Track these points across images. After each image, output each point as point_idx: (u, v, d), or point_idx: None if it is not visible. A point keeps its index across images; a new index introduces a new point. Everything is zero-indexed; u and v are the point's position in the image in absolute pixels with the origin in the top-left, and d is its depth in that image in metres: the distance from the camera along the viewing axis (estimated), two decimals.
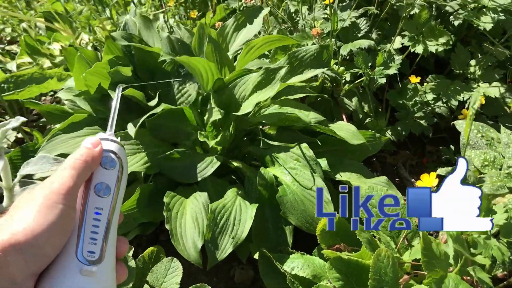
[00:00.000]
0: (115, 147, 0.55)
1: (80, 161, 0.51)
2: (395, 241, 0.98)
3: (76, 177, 0.50)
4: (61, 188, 0.49)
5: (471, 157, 1.21)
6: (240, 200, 1.14)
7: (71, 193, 0.50)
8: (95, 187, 0.53)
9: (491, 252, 0.76)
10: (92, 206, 0.52)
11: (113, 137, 0.56)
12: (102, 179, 0.53)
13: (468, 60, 1.51)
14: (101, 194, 0.53)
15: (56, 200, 0.48)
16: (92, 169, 0.53)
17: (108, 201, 0.53)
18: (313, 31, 1.37)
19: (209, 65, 1.26)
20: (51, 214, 0.47)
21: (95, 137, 0.55)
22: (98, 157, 0.53)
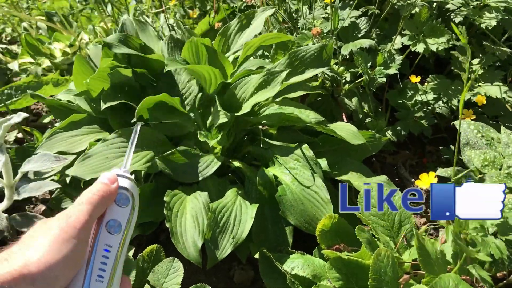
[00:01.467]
0: (129, 185, 0.56)
1: (97, 197, 0.52)
2: (395, 241, 0.98)
3: (91, 212, 0.51)
4: (77, 222, 0.50)
5: (471, 157, 1.21)
6: (240, 200, 1.14)
7: (86, 228, 0.50)
8: (107, 223, 0.53)
9: (489, 250, 0.76)
10: (102, 242, 0.52)
11: (128, 174, 0.57)
12: (115, 216, 0.54)
13: (469, 60, 1.51)
14: (112, 231, 0.53)
15: (71, 234, 0.49)
16: (107, 205, 0.54)
17: (118, 238, 0.53)
18: (313, 30, 1.37)
19: (213, 70, 1.26)
20: (65, 247, 0.48)
21: (111, 173, 0.56)
22: (114, 193, 0.54)
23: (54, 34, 2.08)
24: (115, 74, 1.31)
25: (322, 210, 1.11)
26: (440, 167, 1.38)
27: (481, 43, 1.54)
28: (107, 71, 1.30)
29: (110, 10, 2.19)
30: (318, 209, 1.12)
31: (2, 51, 2.17)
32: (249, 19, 1.48)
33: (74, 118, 1.37)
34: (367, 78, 1.45)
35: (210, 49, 1.35)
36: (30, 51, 1.96)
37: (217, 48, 1.47)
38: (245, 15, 1.47)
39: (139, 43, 1.42)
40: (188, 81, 1.30)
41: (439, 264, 0.83)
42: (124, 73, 1.35)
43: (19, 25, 2.47)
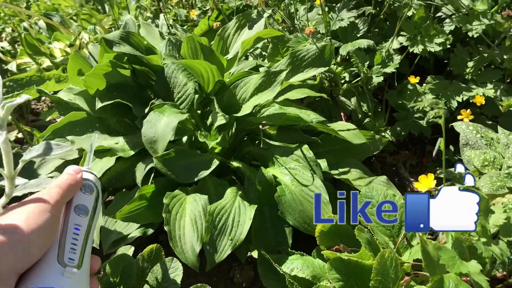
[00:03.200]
0: (92, 177, 0.65)
1: (66, 183, 0.60)
2: (395, 241, 0.98)
3: (62, 194, 0.59)
4: (50, 199, 0.57)
5: (471, 157, 1.22)
6: (239, 201, 1.14)
7: (57, 206, 0.58)
8: (76, 207, 0.62)
9: (491, 253, 0.76)
10: (73, 222, 0.60)
11: (90, 170, 0.67)
12: (82, 201, 0.63)
13: (467, 61, 1.51)
14: (80, 213, 0.61)
15: (45, 208, 0.56)
16: (74, 191, 0.62)
17: (86, 220, 0.62)
18: (306, 30, 1.38)
19: (210, 67, 1.26)
20: (40, 218, 0.55)
21: (76, 166, 0.65)
22: (80, 181, 0.63)
23: (54, 33, 2.08)
24: (111, 74, 1.32)
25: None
26: (440, 167, 1.39)
27: (479, 45, 1.55)
28: (105, 69, 1.30)
29: (109, 10, 2.19)
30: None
31: (2, 51, 2.16)
32: (247, 19, 1.48)
33: (72, 118, 1.37)
34: (365, 77, 1.45)
35: (206, 48, 1.35)
36: (30, 51, 1.96)
37: (215, 48, 1.47)
38: (243, 15, 1.48)
39: (142, 42, 1.42)
40: (185, 84, 1.30)
41: (440, 267, 0.83)
42: (122, 73, 1.35)
43: (19, 25, 2.46)
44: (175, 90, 1.32)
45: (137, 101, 1.36)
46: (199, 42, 1.34)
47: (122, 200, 1.26)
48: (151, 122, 1.18)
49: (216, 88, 1.34)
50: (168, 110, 1.22)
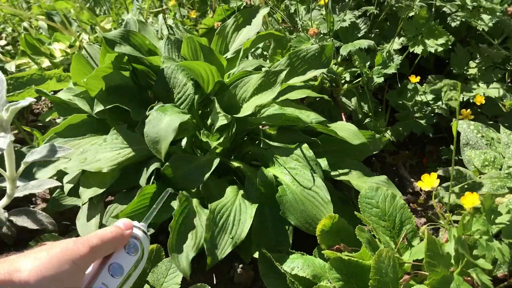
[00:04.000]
0: (142, 236, 0.58)
1: (109, 236, 0.54)
2: (395, 241, 0.98)
3: (98, 246, 0.53)
4: (80, 249, 0.51)
5: (471, 157, 1.22)
6: (240, 200, 1.14)
7: (86, 259, 0.51)
8: (111, 265, 0.55)
9: (494, 254, 0.76)
10: (101, 281, 0.54)
11: (145, 228, 0.60)
12: (119, 260, 0.56)
13: (467, 61, 1.51)
14: (114, 274, 0.55)
15: (70, 258, 0.50)
16: (115, 247, 0.56)
17: (116, 282, 0.55)
18: (310, 30, 1.38)
19: (210, 68, 1.26)
20: (60, 267, 0.49)
21: (129, 220, 0.59)
22: (125, 238, 0.56)
23: (54, 34, 2.08)
24: (111, 76, 1.31)
25: (322, 210, 1.11)
26: (440, 167, 1.38)
27: (480, 44, 1.55)
28: (106, 71, 1.30)
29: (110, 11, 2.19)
30: (318, 209, 1.12)
31: (2, 51, 2.16)
32: (245, 17, 1.48)
33: (72, 121, 1.37)
34: (365, 77, 1.45)
35: (205, 48, 1.35)
36: (30, 51, 1.96)
37: (215, 47, 1.47)
38: (241, 13, 1.48)
39: (144, 41, 1.42)
40: (184, 84, 1.30)
41: (444, 265, 0.83)
42: (122, 75, 1.35)
43: (19, 25, 2.46)
44: (175, 90, 1.32)
45: (137, 103, 1.36)
46: (199, 43, 1.34)
47: (122, 200, 1.26)
48: (153, 122, 1.18)
49: (216, 88, 1.34)
50: (170, 110, 1.22)
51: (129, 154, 1.26)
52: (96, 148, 1.26)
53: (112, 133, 1.29)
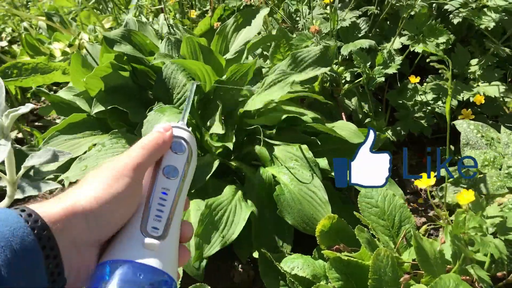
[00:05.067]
0: (185, 135, 0.58)
1: (151, 143, 0.54)
2: (395, 241, 0.98)
3: (145, 155, 0.52)
4: (129, 163, 0.51)
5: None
6: (237, 200, 1.14)
7: (138, 169, 0.51)
8: (164, 169, 0.55)
9: (489, 249, 0.77)
10: (160, 186, 0.54)
11: (184, 126, 0.59)
12: (171, 162, 0.55)
13: (468, 60, 1.51)
14: (169, 176, 0.54)
15: (123, 173, 0.50)
16: (162, 151, 0.55)
17: (175, 183, 0.55)
18: (312, 28, 1.38)
19: (205, 67, 1.26)
20: (117, 185, 0.49)
21: (166, 123, 0.58)
22: (169, 141, 0.56)
23: (54, 34, 2.08)
24: (110, 76, 1.31)
25: (320, 210, 1.11)
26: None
27: (481, 43, 1.54)
28: (105, 70, 1.30)
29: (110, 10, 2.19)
30: (316, 209, 1.11)
31: (2, 51, 2.17)
32: (245, 17, 1.48)
33: (72, 120, 1.37)
34: (366, 77, 1.45)
35: (205, 48, 1.35)
36: (30, 51, 1.96)
37: (215, 47, 1.47)
38: (241, 13, 1.48)
39: (145, 40, 1.41)
40: (184, 84, 1.30)
41: (438, 264, 0.83)
42: (122, 75, 1.34)
43: (19, 25, 2.47)
44: (175, 91, 1.32)
45: (136, 104, 1.36)
46: (198, 43, 1.34)
47: None
48: (151, 122, 1.18)
49: (214, 87, 1.34)
50: (168, 110, 1.22)
51: None
52: (95, 155, 1.25)
53: (111, 137, 1.28)
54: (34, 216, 0.44)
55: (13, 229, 0.42)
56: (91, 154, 1.25)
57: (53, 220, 0.44)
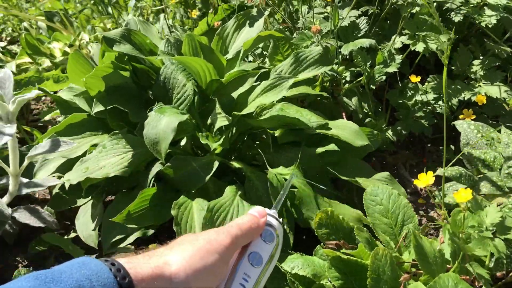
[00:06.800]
0: (276, 224, 0.58)
1: (247, 225, 0.55)
2: (396, 240, 0.98)
3: (239, 236, 0.54)
4: (224, 240, 0.52)
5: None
6: (238, 201, 1.13)
7: (230, 248, 0.52)
8: (250, 254, 0.55)
9: (488, 249, 0.77)
10: (242, 271, 0.54)
11: (276, 215, 0.60)
12: (258, 249, 0.56)
13: (469, 60, 1.51)
14: (253, 263, 0.55)
15: (216, 249, 0.51)
16: (253, 236, 0.56)
17: (257, 271, 0.55)
18: (313, 28, 1.37)
19: (206, 65, 1.25)
20: (208, 258, 0.49)
21: (262, 208, 0.59)
22: (262, 227, 0.57)
23: (54, 34, 2.08)
24: (111, 76, 1.31)
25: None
26: (440, 167, 1.38)
27: (481, 43, 1.54)
28: (105, 70, 1.30)
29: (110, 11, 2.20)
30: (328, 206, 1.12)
31: (2, 51, 2.17)
32: (246, 18, 1.48)
33: (72, 120, 1.37)
34: (367, 76, 1.45)
35: (206, 47, 1.35)
36: (30, 51, 1.96)
37: (215, 48, 1.47)
38: (242, 14, 1.48)
39: (145, 40, 1.41)
40: (184, 84, 1.30)
41: (437, 264, 0.83)
42: (122, 75, 1.34)
43: (19, 25, 2.47)
44: (175, 91, 1.32)
45: (136, 104, 1.35)
46: (199, 41, 1.34)
47: (123, 200, 1.26)
48: (152, 124, 1.18)
49: (214, 88, 1.34)
50: (168, 111, 1.22)
51: (132, 157, 1.26)
52: (96, 156, 1.25)
53: (111, 138, 1.28)
54: (123, 272, 0.45)
55: (103, 284, 0.43)
56: (92, 156, 1.25)
57: (139, 279, 0.45)
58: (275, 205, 0.62)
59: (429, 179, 0.84)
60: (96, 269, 0.44)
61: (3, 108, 1.17)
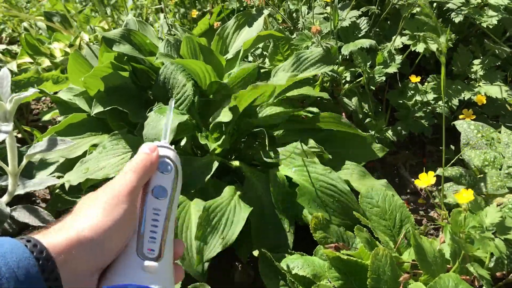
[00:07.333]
0: (170, 153, 0.59)
1: (140, 166, 0.55)
2: (395, 241, 0.98)
3: (137, 179, 0.54)
4: (125, 189, 0.53)
5: (471, 157, 1.21)
6: (236, 201, 1.13)
7: (133, 193, 0.53)
8: (153, 189, 0.56)
9: (489, 249, 0.77)
10: (151, 207, 0.55)
11: (168, 144, 0.61)
12: (159, 182, 0.57)
13: (469, 60, 1.51)
14: (159, 196, 0.56)
15: (120, 200, 0.52)
16: (151, 173, 0.57)
17: (165, 202, 0.56)
18: (313, 28, 1.38)
19: (206, 67, 1.25)
20: (116, 212, 0.51)
21: (151, 143, 0.59)
22: (156, 161, 0.57)
23: (54, 34, 2.08)
24: (110, 77, 1.31)
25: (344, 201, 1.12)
26: (440, 167, 1.38)
27: (481, 43, 1.54)
28: (104, 70, 1.30)
29: (109, 12, 2.19)
30: (342, 202, 1.13)
31: (2, 51, 2.17)
32: (246, 18, 1.48)
33: (72, 120, 1.37)
34: (366, 77, 1.45)
35: (205, 48, 1.34)
36: (30, 51, 1.96)
37: (215, 47, 1.47)
38: (242, 14, 1.48)
39: (145, 40, 1.41)
40: (184, 84, 1.30)
41: (437, 263, 0.83)
42: (121, 75, 1.34)
43: (19, 25, 2.47)
44: (174, 91, 1.32)
45: (136, 104, 1.35)
46: (198, 43, 1.34)
47: None
48: (152, 124, 1.18)
49: (214, 89, 1.34)
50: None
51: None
52: (96, 157, 1.25)
53: (111, 139, 1.28)
54: (39, 247, 0.45)
55: (19, 260, 0.43)
56: (92, 156, 1.25)
57: (57, 251, 0.46)
58: (163, 134, 0.63)
59: (430, 179, 0.84)
60: (10, 247, 0.44)
61: (1, 107, 1.17)
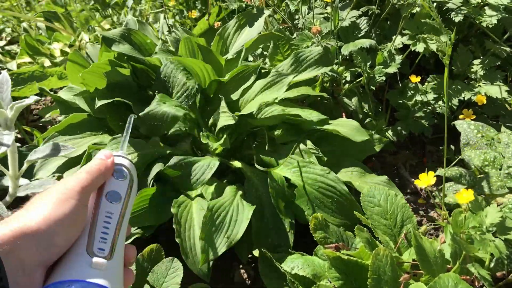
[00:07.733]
0: (126, 162, 0.62)
1: (94, 168, 0.57)
2: (396, 240, 0.98)
3: (89, 180, 0.56)
4: (76, 186, 0.54)
5: (471, 157, 1.21)
6: (238, 200, 1.13)
7: (84, 192, 0.54)
8: (107, 194, 0.58)
9: (489, 249, 0.77)
10: (104, 209, 0.57)
11: (125, 154, 0.63)
12: (114, 188, 0.59)
13: (469, 60, 1.51)
14: (112, 200, 0.58)
15: (70, 196, 0.53)
16: (105, 177, 0.58)
17: (118, 207, 0.58)
18: (313, 28, 1.38)
19: (205, 66, 1.25)
20: (64, 207, 0.52)
21: (107, 150, 0.61)
22: (111, 167, 0.59)
23: (54, 34, 2.08)
24: (111, 73, 1.31)
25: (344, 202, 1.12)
26: (440, 167, 1.38)
27: (482, 43, 1.54)
28: (103, 67, 1.30)
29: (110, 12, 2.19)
30: (341, 203, 1.13)
31: (2, 51, 2.17)
32: (247, 19, 1.48)
33: (72, 120, 1.37)
34: (367, 77, 1.45)
35: (203, 48, 1.34)
36: (30, 51, 1.96)
37: (215, 48, 1.47)
38: (243, 15, 1.48)
39: (145, 40, 1.41)
40: (184, 83, 1.30)
41: (437, 264, 0.83)
42: (121, 73, 1.34)
43: (19, 25, 2.47)
44: (174, 90, 1.32)
45: (137, 101, 1.35)
46: (196, 43, 1.34)
47: None
48: (153, 110, 1.20)
49: (214, 88, 1.34)
50: (169, 101, 1.22)
51: (134, 159, 1.26)
52: None
53: (111, 143, 1.28)
54: None
55: None
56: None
57: (1, 242, 0.46)
58: (121, 145, 0.65)
59: (430, 179, 0.85)
60: None
61: (1, 114, 1.16)
